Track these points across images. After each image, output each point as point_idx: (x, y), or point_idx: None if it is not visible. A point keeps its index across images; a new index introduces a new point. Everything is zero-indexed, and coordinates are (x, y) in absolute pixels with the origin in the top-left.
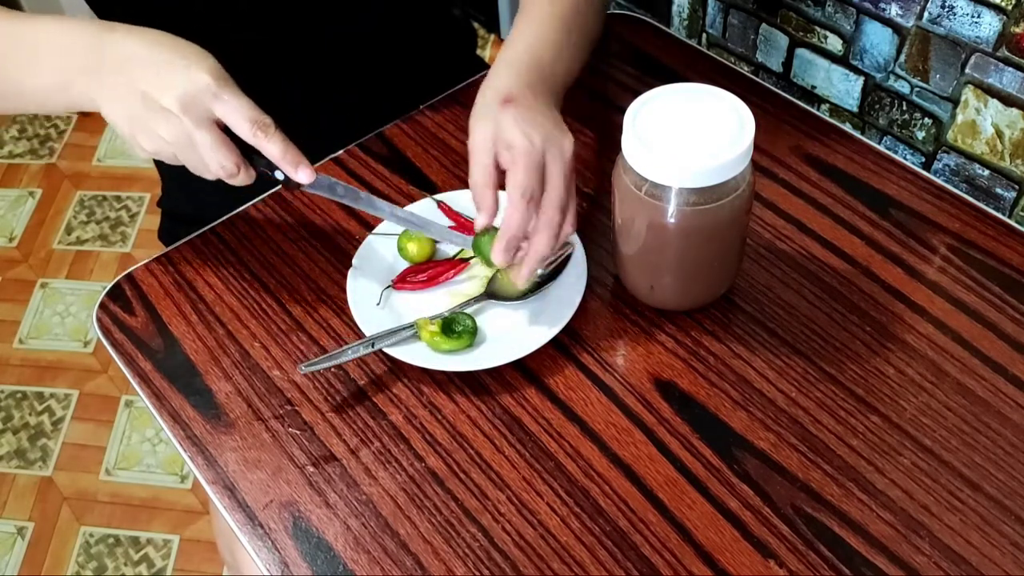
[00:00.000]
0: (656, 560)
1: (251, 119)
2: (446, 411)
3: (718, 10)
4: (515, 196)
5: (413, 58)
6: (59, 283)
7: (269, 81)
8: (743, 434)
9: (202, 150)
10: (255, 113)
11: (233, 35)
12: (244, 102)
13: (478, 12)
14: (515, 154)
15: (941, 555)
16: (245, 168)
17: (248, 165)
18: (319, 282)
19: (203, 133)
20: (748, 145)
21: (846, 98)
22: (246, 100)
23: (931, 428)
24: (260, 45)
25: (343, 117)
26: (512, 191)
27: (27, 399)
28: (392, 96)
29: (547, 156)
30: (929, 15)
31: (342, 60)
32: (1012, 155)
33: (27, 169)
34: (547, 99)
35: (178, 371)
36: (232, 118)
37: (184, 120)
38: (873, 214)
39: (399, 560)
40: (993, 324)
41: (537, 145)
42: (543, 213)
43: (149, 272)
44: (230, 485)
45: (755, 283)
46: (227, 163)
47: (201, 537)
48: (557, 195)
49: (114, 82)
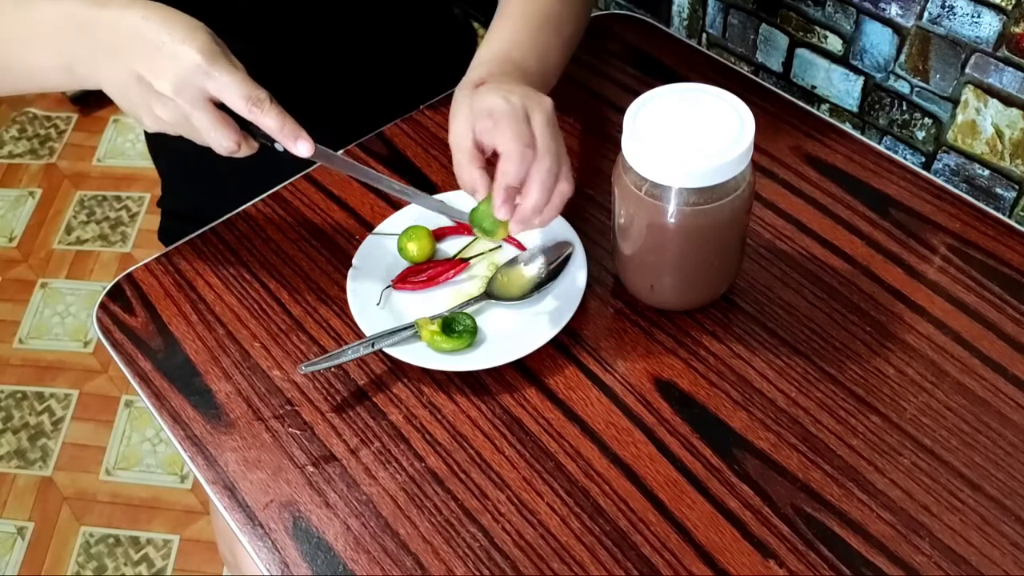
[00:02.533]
0: (656, 560)
1: (245, 95)
2: (446, 411)
3: (718, 10)
4: (508, 146)
5: (413, 58)
6: (59, 283)
7: (268, 81)
8: (743, 434)
9: (201, 131)
10: (248, 88)
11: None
12: (236, 77)
13: (478, 12)
14: (497, 116)
15: (941, 555)
16: (246, 142)
17: (249, 138)
18: (319, 282)
19: (199, 114)
20: (748, 145)
21: (846, 98)
22: (239, 75)
23: (931, 428)
24: (259, 45)
25: (343, 117)
26: (504, 144)
27: (27, 399)
28: (392, 96)
29: (528, 112)
30: (929, 15)
31: (342, 59)
32: (1012, 155)
33: (27, 169)
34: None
35: (178, 371)
36: (226, 95)
37: (179, 103)
38: (873, 214)
39: (399, 560)
40: (993, 324)
41: (516, 103)
42: (536, 161)
43: (149, 272)
44: (230, 485)
45: (755, 283)
46: (226, 141)
47: (201, 537)
48: (544, 142)
49: (110, 64)
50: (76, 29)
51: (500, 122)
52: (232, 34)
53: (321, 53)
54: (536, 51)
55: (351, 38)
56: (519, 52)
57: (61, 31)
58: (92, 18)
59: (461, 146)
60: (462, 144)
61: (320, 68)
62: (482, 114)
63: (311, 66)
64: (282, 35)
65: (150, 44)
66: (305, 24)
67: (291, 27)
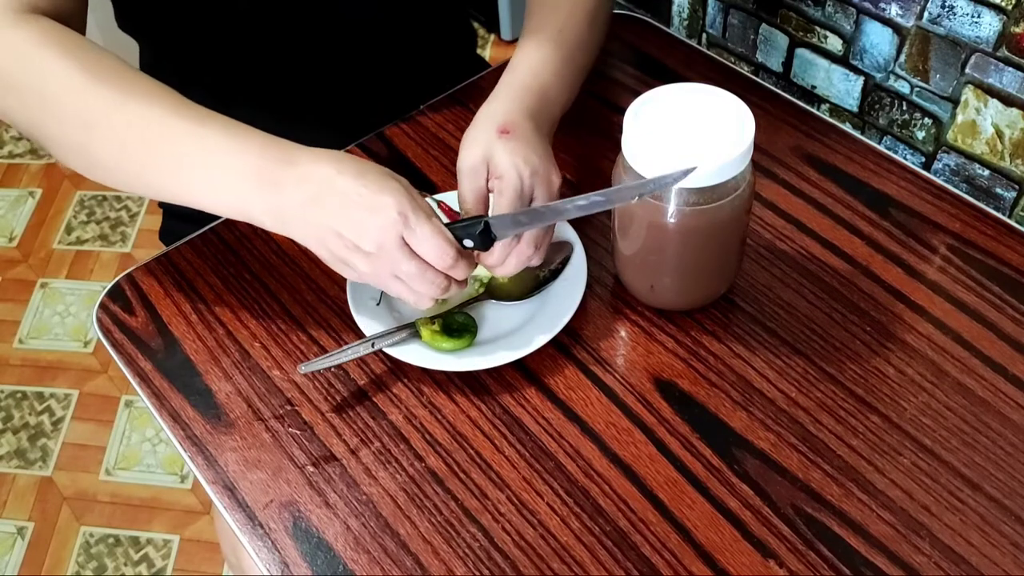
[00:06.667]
0: (656, 560)
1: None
2: (446, 411)
3: (718, 10)
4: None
5: (413, 58)
6: (59, 283)
7: (268, 81)
8: (743, 434)
9: (411, 280)
10: (444, 243)
11: (233, 35)
12: (434, 229)
13: (478, 12)
14: (503, 185)
15: (941, 555)
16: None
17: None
18: (319, 282)
19: (407, 265)
20: (748, 145)
21: (846, 98)
22: (435, 225)
23: (931, 428)
24: (260, 45)
25: (343, 117)
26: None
27: (27, 399)
28: (392, 96)
29: (535, 191)
30: (929, 15)
31: (342, 60)
32: (1012, 155)
33: (27, 169)
34: (543, 128)
35: (178, 371)
36: (424, 250)
37: (383, 261)
38: (873, 214)
39: (399, 560)
40: (993, 324)
41: (526, 179)
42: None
43: (149, 272)
44: (230, 485)
45: (755, 283)
46: (434, 289)
47: (201, 537)
48: (534, 232)
49: (303, 218)
50: (260, 183)
51: (504, 193)
52: (233, 34)
53: (321, 53)
54: (565, 80)
55: (352, 39)
56: (553, 80)
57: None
58: (281, 177)
59: (472, 185)
60: (474, 183)
61: (320, 68)
62: (494, 172)
63: (311, 66)
64: (282, 35)
65: (346, 195)
66: (305, 25)
67: (291, 28)
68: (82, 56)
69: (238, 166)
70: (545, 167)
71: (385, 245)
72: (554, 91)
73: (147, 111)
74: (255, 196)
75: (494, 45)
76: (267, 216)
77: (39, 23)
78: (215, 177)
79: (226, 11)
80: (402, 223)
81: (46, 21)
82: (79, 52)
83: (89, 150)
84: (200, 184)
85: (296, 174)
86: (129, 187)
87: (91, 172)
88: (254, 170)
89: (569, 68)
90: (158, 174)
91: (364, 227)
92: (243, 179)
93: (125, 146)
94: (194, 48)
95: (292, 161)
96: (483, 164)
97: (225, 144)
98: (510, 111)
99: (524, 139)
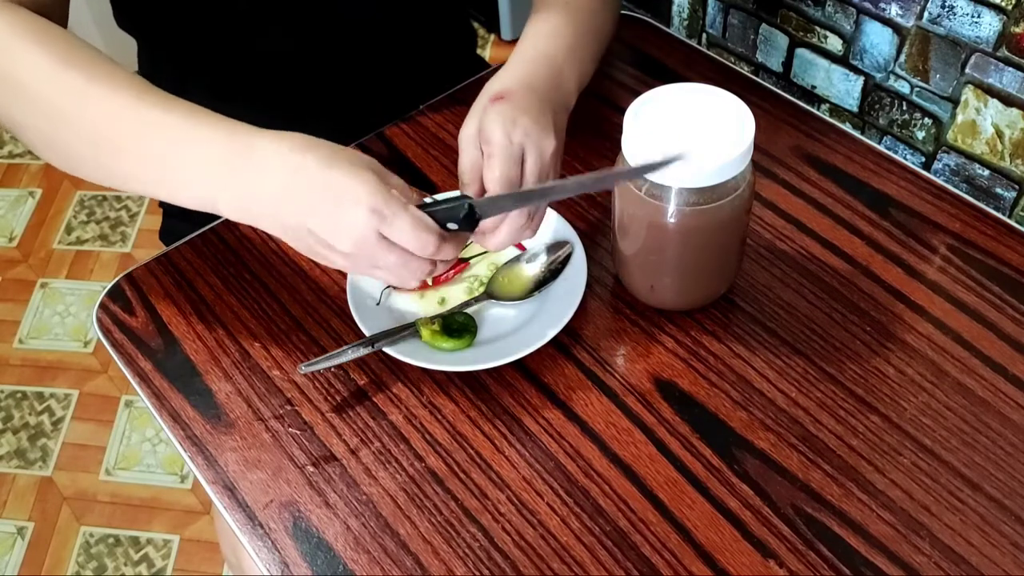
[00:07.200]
0: (656, 560)
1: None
2: (446, 411)
3: (718, 10)
4: (491, 187)
5: (413, 58)
6: (59, 283)
7: (267, 81)
8: (743, 434)
9: (393, 270)
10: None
11: (233, 36)
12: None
13: (478, 12)
14: (491, 149)
15: (941, 555)
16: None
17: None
18: (319, 282)
19: (386, 258)
20: (748, 145)
21: (846, 98)
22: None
23: (931, 428)
24: (260, 46)
25: (343, 117)
26: (489, 184)
27: (27, 399)
28: (392, 96)
29: (525, 154)
30: (929, 15)
31: (341, 59)
32: (1012, 155)
33: (27, 169)
34: (546, 98)
35: (178, 371)
36: (405, 242)
37: (361, 257)
38: (873, 214)
39: (399, 560)
40: (993, 324)
41: (515, 142)
42: (512, 215)
43: (149, 272)
44: (230, 485)
45: (755, 283)
46: (418, 274)
47: (201, 537)
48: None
49: (272, 215)
50: (228, 173)
51: (492, 158)
52: (232, 33)
53: (321, 53)
54: (575, 52)
55: (351, 39)
56: (561, 53)
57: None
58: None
59: (468, 154)
60: (469, 152)
61: (320, 68)
62: (484, 138)
63: (311, 66)
64: (281, 35)
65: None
66: (305, 24)
67: (291, 27)
68: (52, 46)
69: (203, 158)
70: (536, 131)
71: (361, 243)
72: (561, 62)
73: (109, 103)
74: (221, 190)
75: (494, 45)
76: (235, 212)
77: (16, 13)
78: (181, 172)
79: (225, 10)
80: (377, 220)
81: (23, 11)
82: (51, 42)
83: (56, 141)
84: (169, 180)
85: (260, 164)
86: (104, 182)
87: (66, 166)
88: (218, 161)
89: (578, 42)
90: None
91: (337, 226)
92: (208, 172)
93: (90, 137)
94: (193, 47)
95: (254, 147)
96: (478, 134)
97: (190, 134)
98: (507, 80)
99: (517, 104)
